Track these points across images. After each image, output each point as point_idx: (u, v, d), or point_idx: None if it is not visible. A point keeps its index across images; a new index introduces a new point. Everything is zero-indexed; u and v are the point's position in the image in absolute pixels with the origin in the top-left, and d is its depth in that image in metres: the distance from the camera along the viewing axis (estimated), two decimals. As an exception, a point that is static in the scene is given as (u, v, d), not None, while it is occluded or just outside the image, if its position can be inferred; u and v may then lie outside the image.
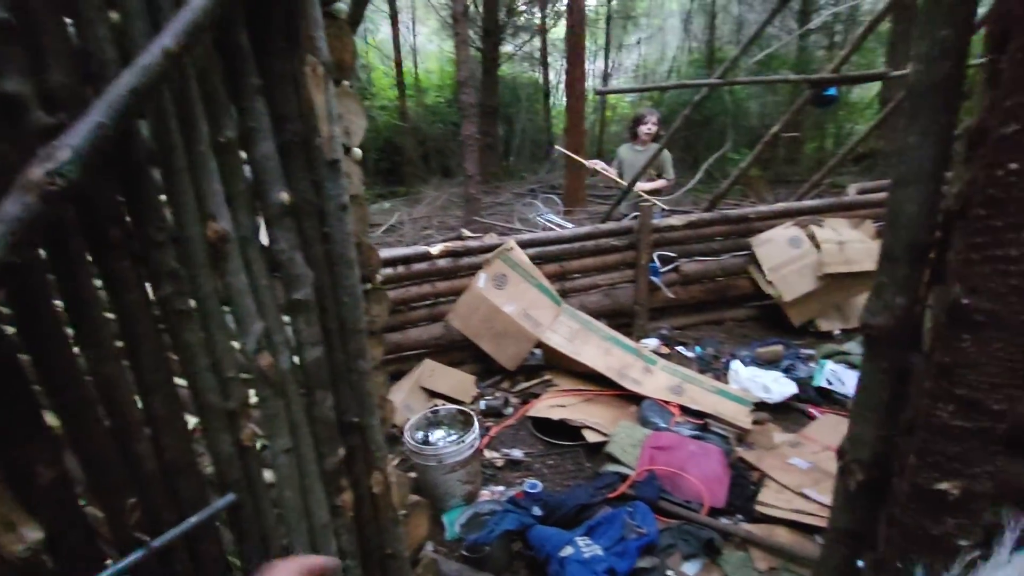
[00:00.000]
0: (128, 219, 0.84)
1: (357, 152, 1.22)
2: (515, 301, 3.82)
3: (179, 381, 0.95)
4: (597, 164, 4.92)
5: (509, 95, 14.41)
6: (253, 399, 1.01)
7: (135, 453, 0.91)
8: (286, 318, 1.07)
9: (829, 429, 3.09)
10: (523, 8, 14.21)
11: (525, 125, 14.15)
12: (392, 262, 3.69)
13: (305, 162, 1.02)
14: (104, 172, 0.81)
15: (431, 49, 16.98)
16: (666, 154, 4.68)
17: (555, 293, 3.97)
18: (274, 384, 1.02)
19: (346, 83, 1.17)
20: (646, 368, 3.62)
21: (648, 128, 4.69)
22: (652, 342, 4.21)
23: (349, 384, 1.18)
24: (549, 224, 7.67)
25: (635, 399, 3.42)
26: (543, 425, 3.30)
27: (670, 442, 2.87)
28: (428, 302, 3.89)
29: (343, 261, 1.10)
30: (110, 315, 0.85)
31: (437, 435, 2.98)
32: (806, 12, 11.84)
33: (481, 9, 12.06)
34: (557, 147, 6.40)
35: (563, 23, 12.95)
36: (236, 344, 0.97)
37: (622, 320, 4.31)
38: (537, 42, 15.06)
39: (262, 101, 0.94)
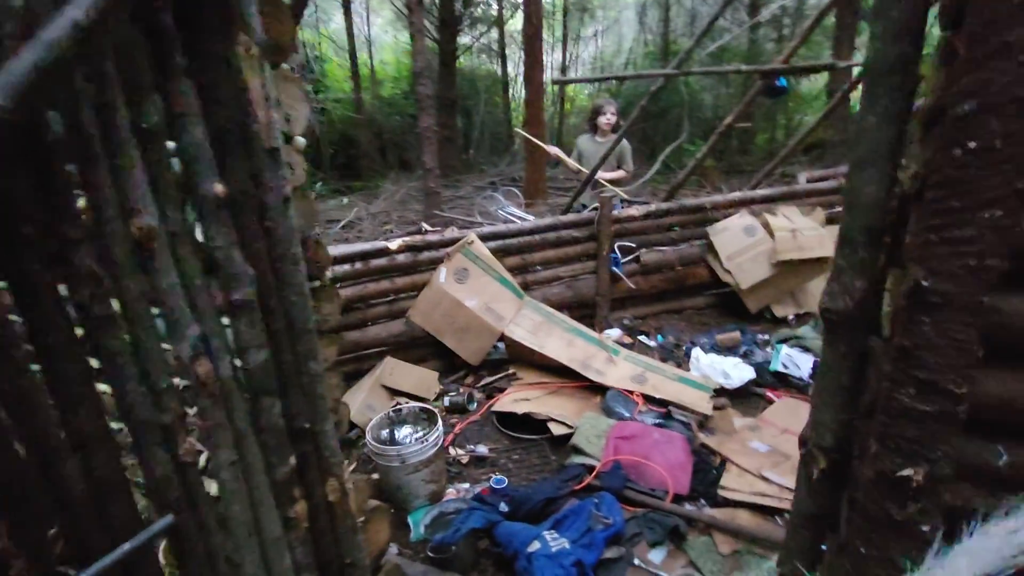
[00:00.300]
0: (41, 215, 0.75)
1: (300, 140, 1.14)
2: (477, 295, 3.77)
3: (106, 391, 0.86)
4: (557, 152, 4.90)
5: (467, 87, 14.26)
6: (192, 409, 0.93)
7: (58, 476, 0.82)
8: (226, 320, 0.99)
9: (787, 412, 3.16)
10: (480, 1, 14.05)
11: (484, 118, 14.04)
12: (350, 258, 3.58)
13: (241, 150, 0.94)
14: (11, 163, 0.72)
15: (386, 40, 16.64)
16: (625, 144, 4.69)
17: (517, 286, 3.93)
18: (214, 392, 0.94)
19: (285, 66, 1.09)
20: (609, 358, 3.63)
21: (607, 119, 4.69)
22: (614, 332, 4.23)
23: (299, 388, 1.11)
24: (510, 217, 7.64)
25: (599, 390, 3.42)
26: (508, 420, 3.27)
27: (634, 431, 2.89)
28: (388, 298, 3.80)
29: (287, 257, 1.03)
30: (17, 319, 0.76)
31: (402, 433, 2.91)
32: (756, 5, 12.13)
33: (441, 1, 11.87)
34: (517, 129, 6.33)
35: (520, 15, 12.90)
36: (169, 350, 0.89)
37: (585, 311, 4.31)
38: (495, 34, 14.95)
39: (190, 84, 0.86)
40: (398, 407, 2.94)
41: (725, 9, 4.38)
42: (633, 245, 4.40)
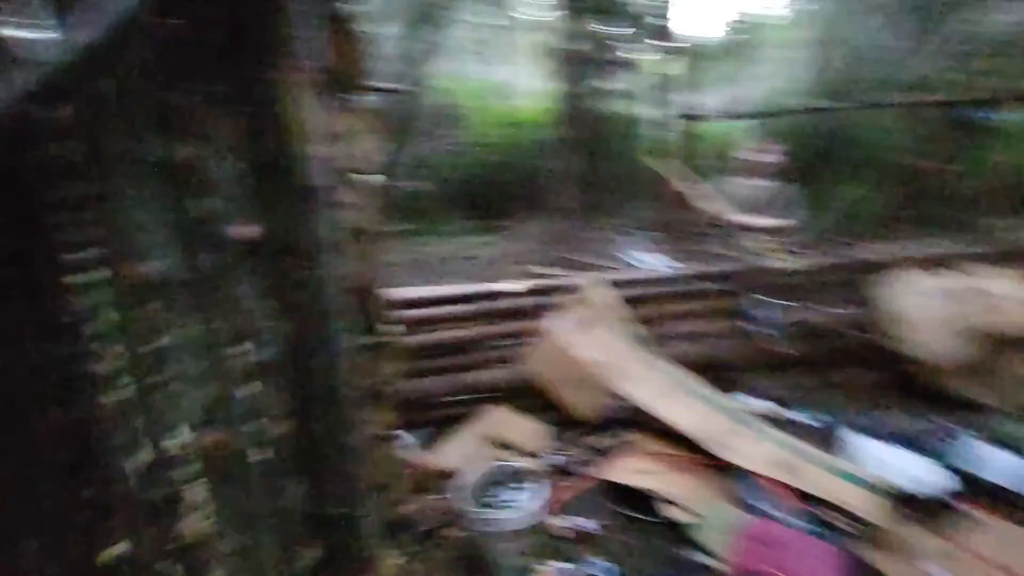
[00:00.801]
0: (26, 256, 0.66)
1: (371, 179, 1.00)
2: (597, 347, 3.46)
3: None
4: (696, 190, 4.48)
5: (606, 129, 14.18)
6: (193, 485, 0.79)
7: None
8: (251, 384, 0.84)
9: (998, 540, 2.38)
10: (621, 44, 14.06)
11: (623, 160, 13.79)
12: (465, 299, 3.50)
13: (280, 189, 0.81)
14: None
15: (531, 86, 17.29)
16: (784, 188, 4.15)
17: (643, 341, 3.56)
18: (223, 468, 0.79)
19: (354, 96, 0.96)
20: (748, 435, 3.09)
21: (762, 158, 4.20)
22: (757, 404, 3.63)
23: (330, 466, 0.93)
24: (643, 262, 7.23)
25: (734, 472, 2.90)
26: (624, 493, 2.88)
27: (773, 535, 2.35)
28: (502, 342, 3.64)
29: (327, 312, 0.87)
30: None
31: (499, 494, 2.67)
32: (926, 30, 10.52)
33: (577, 46, 12.05)
34: (648, 159, 5.97)
35: (663, 56, 12.59)
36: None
37: (721, 376, 3.78)
38: (634, 76, 14.79)
39: (223, 112, 0.75)
40: (499, 463, 2.71)
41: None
42: (786, 303, 3.79)
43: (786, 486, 2.72)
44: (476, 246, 9.83)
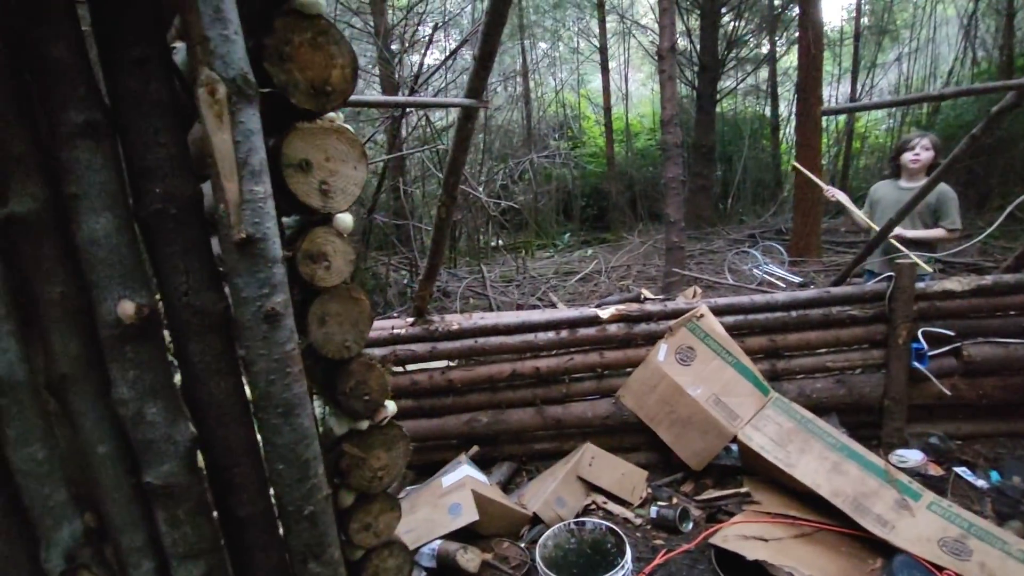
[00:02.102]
0: None
1: (344, 220, 0.78)
2: (704, 382, 3.02)
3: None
4: (838, 194, 3.82)
5: (729, 132, 13.19)
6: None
7: None
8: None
9: None
10: (748, 38, 13.00)
11: (747, 164, 12.71)
12: (556, 325, 3.22)
13: (188, 244, 0.61)
14: None
15: (644, 93, 16.65)
16: (946, 191, 3.41)
17: (760, 376, 3.04)
18: None
19: (333, 115, 0.75)
20: (902, 501, 2.47)
21: (916, 155, 3.49)
22: (913, 456, 2.95)
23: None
24: (769, 277, 6.47)
25: (881, 548, 2.32)
26: (733, 562, 2.42)
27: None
28: (595, 373, 3.31)
29: (270, 403, 0.65)
30: None
31: (579, 553, 2.35)
32: None
33: (697, 44, 11.31)
34: (795, 163, 5.26)
35: (796, 50, 11.46)
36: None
37: (863, 421, 3.14)
38: (763, 73, 13.62)
39: (95, 145, 0.56)
40: (580, 521, 2.40)
41: None
42: (950, 333, 3.06)
43: (955, 574, 2.11)
44: (582, 259, 9.52)
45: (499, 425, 3.27)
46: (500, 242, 11.08)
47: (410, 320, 3.38)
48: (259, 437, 0.65)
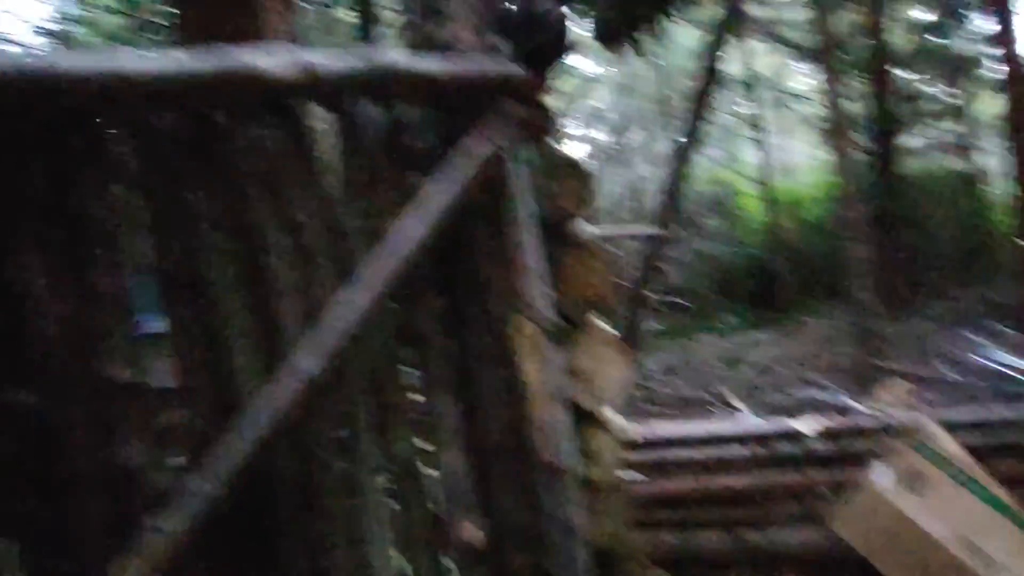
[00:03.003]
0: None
1: (616, 420, 0.83)
2: (944, 518, 2.54)
3: None
4: None
5: (916, 194, 11.72)
6: None
7: None
8: None
9: None
10: (931, 90, 11.78)
11: (943, 228, 11.10)
12: (744, 439, 2.99)
13: (511, 470, 0.70)
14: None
15: (807, 161, 15.69)
16: None
17: (1021, 511, 2.49)
18: None
19: (603, 325, 0.83)
20: None
21: None
22: None
23: None
24: (1001, 368, 5.41)
25: None
26: None
27: None
28: (797, 496, 2.96)
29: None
30: None
31: None
32: None
33: (867, 105, 10.49)
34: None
35: (992, 96, 10.10)
36: None
37: None
38: (950, 125, 12.09)
39: (446, 390, 0.68)
40: None
41: None
42: None
43: None
44: (753, 345, 8.82)
45: (687, 550, 3.03)
46: (656, 326, 10.78)
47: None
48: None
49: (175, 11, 3.69)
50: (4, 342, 0.86)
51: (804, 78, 13.73)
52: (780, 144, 14.37)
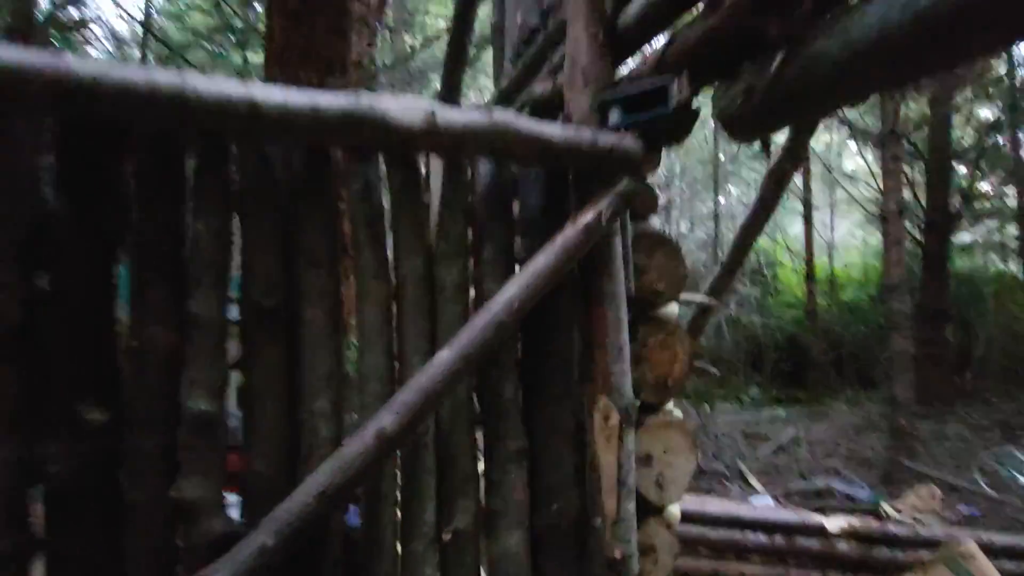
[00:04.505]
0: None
1: (674, 512, 0.80)
2: (976, 649, 2.36)
3: None
4: None
5: (966, 293, 11.36)
6: None
7: None
8: None
9: None
10: (987, 190, 11.54)
11: (992, 332, 10.71)
12: (766, 527, 2.85)
13: (572, 557, 0.67)
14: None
15: (853, 242, 15.42)
16: None
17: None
18: None
19: (672, 410, 0.81)
20: None
21: None
22: None
23: None
24: (1042, 490, 5.13)
25: None
26: None
27: None
28: (817, 597, 2.80)
29: None
30: None
31: None
32: None
33: (924, 197, 10.30)
34: None
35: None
36: None
37: None
38: (1009, 228, 11.77)
39: (518, 466, 0.66)
40: None
41: None
42: None
43: None
44: (776, 423, 8.52)
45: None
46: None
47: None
48: None
49: (264, 19, 3.76)
50: (88, 356, 0.87)
51: (859, 159, 13.62)
52: (826, 222, 14.18)
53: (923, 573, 2.54)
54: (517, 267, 0.90)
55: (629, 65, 1.29)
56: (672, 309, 0.84)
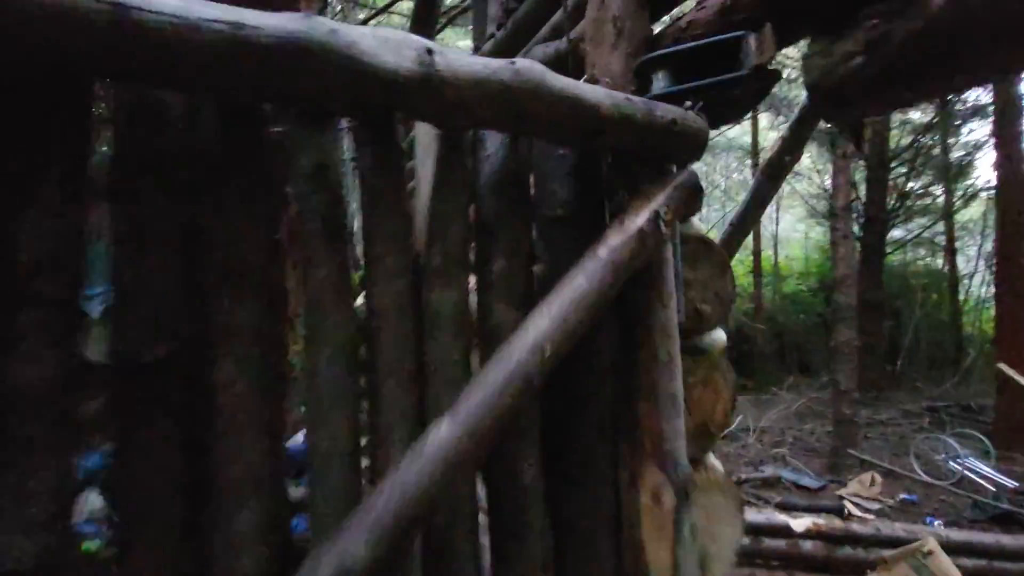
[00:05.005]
0: None
1: None
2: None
3: None
4: None
5: (898, 286, 12.02)
6: None
7: None
8: None
9: None
10: (921, 191, 12.19)
11: (920, 323, 11.36)
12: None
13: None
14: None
15: (795, 236, 16.01)
16: None
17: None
18: None
19: (715, 464, 0.65)
20: None
21: None
22: None
23: None
24: (971, 475, 5.40)
25: None
26: None
27: None
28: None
29: None
30: None
31: None
32: None
33: (863, 194, 10.75)
34: (1002, 366, 4.50)
35: (976, 205, 10.51)
36: None
37: None
38: (938, 225, 12.52)
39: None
40: None
41: None
42: None
43: None
44: (723, 411, 8.72)
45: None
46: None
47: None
48: None
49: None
50: (173, 374, 0.61)
51: (804, 155, 14.10)
52: (772, 216, 14.64)
53: (887, 571, 2.55)
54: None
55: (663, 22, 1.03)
56: (718, 337, 0.67)
